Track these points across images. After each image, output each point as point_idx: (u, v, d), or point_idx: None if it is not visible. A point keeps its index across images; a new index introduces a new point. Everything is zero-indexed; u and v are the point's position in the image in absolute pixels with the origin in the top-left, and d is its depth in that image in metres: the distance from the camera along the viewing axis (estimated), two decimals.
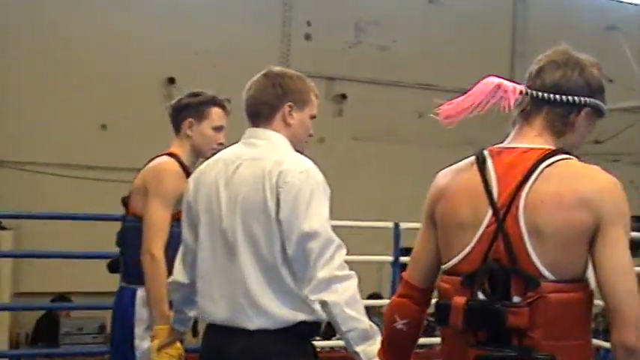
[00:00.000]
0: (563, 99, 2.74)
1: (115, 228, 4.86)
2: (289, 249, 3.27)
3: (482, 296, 2.63)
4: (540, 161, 2.65)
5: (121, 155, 10.83)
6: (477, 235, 2.65)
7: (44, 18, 11.60)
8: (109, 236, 6.34)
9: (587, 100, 2.76)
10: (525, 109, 2.79)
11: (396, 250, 7.49)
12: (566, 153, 2.71)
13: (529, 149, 2.71)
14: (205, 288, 3.44)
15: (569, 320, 2.58)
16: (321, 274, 3.20)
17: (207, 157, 4.42)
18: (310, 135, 3.60)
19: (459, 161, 2.89)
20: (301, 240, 3.24)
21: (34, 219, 9.91)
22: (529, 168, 2.64)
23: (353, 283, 3.26)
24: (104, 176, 11.17)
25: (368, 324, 3.22)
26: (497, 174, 2.68)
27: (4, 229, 10.86)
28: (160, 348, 4.08)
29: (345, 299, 3.20)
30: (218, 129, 4.53)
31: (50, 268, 10.20)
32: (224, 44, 12.39)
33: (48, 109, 11.46)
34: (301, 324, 3.35)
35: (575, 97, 2.74)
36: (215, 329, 3.45)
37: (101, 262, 8.42)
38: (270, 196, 3.28)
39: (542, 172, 2.62)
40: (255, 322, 3.31)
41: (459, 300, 2.64)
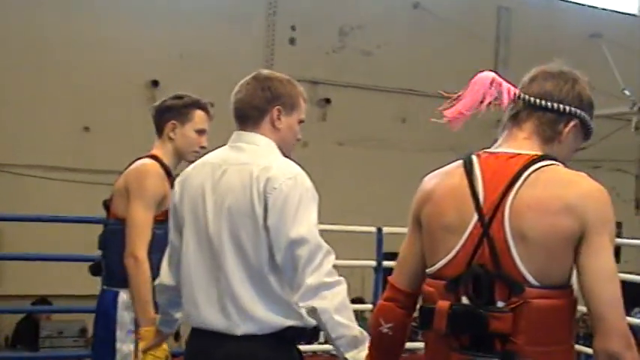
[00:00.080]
0: (554, 106, 2.76)
1: (97, 230, 4.84)
2: (278, 256, 3.24)
3: (466, 301, 2.63)
4: (527, 167, 2.65)
5: (104, 158, 10.79)
6: (462, 240, 2.65)
7: (28, 21, 11.56)
8: (90, 239, 6.31)
9: (577, 112, 2.78)
10: (516, 113, 2.81)
11: (379, 255, 7.48)
12: (553, 159, 2.72)
13: (516, 154, 2.72)
14: (190, 292, 3.41)
15: (552, 326, 2.57)
16: (310, 280, 3.18)
17: (189, 160, 4.45)
18: (298, 139, 3.57)
19: (442, 166, 2.89)
20: (290, 246, 3.21)
21: (15, 221, 9.86)
22: (515, 173, 2.64)
23: (342, 289, 3.24)
24: (86, 179, 11.14)
25: (358, 330, 3.20)
26: (484, 178, 2.68)
27: None
28: (146, 350, 4.07)
29: (335, 306, 3.18)
30: (201, 132, 4.53)
31: (31, 270, 10.15)
32: (208, 47, 12.37)
33: (30, 111, 11.41)
34: (289, 329, 3.33)
35: (566, 107, 2.76)
36: (200, 334, 3.41)
37: (82, 264, 8.39)
38: (258, 203, 3.25)
39: (528, 177, 2.63)
40: (243, 328, 3.28)
41: (442, 304, 2.64)
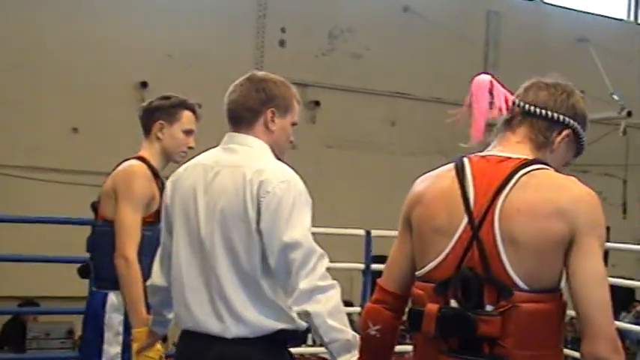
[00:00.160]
0: (548, 114, 2.77)
1: (85, 232, 4.83)
2: (271, 259, 3.22)
3: (455, 304, 2.63)
4: (517, 170, 2.66)
5: (93, 159, 10.78)
6: (452, 242, 2.66)
7: (16, 22, 11.54)
8: (77, 240, 6.29)
9: (570, 122, 2.80)
10: (510, 119, 2.83)
11: (368, 258, 7.48)
12: (544, 163, 2.73)
13: (507, 158, 2.73)
14: (181, 294, 3.39)
15: (541, 330, 2.58)
16: (303, 284, 3.16)
17: (177, 161, 4.46)
18: (291, 142, 3.55)
19: (431, 169, 2.90)
20: (283, 250, 3.19)
21: (2, 222, 9.83)
22: (505, 176, 2.65)
23: (336, 293, 3.22)
24: (75, 180, 11.12)
25: (351, 334, 3.17)
26: (475, 181, 2.69)
27: None
28: (140, 351, 4.06)
29: (328, 310, 3.16)
30: (188, 132, 4.53)
31: (18, 272, 10.13)
32: (198, 49, 12.37)
33: (19, 112, 11.40)
34: (280, 332, 3.32)
35: (560, 116, 2.78)
36: (191, 336, 3.39)
37: (69, 266, 8.37)
38: (252, 206, 3.23)
39: (518, 180, 2.63)
40: (234, 331, 3.27)
41: (431, 307, 2.65)
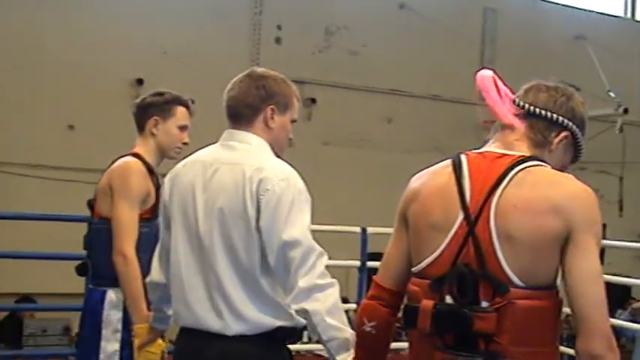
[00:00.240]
0: (547, 115, 2.78)
1: (81, 229, 4.83)
2: (270, 257, 3.22)
3: (450, 300, 2.63)
4: (513, 166, 2.66)
5: (89, 156, 10.76)
6: (448, 239, 2.66)
7: (13, 20, 11.52)
8: (74, 237, 6.28)
9: (569, 124, 2.81)
10: None
11: (363, 255, 7.48)
12: (541, 160, 2.73)
13: (504, 154, 2.73)
14: (180, 291, 3.38)
15: (537, 327, 2.58)
16: (302, 283, 3.16)
17: (171, 157, 4.49)
18: (290, 139, 3.54)
19: (427, 166, 2.90)
20: (282, 248, 3.19)
21: None
22: (502, 173, 2.65)
23: (334, 291, 3.21)
24: (71, 177, 11.11)
25: (349, 333, 3.16)
26: (471, 178, 2.69)
27: None
28: (141, 347, 4.07)
29: (327, 308, 3.15)
30: (183, 128, 4.53)
31: (14, 268, 10.12)
32: (193, 46, 12.36)
33: (15, 109, 11.38)
34: (279, 329, 3.32)
35: (559, 117, 2.79)
36: (190, 333, 3.39)
37: (66, 263, 8.36)
38: (251, 204, 3.22)
39: (514, 176, 2.63)
40: (234, 328, 3.26)
41: (427, 303, 2.65)
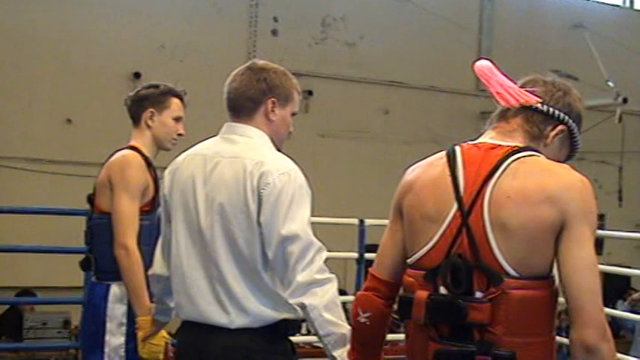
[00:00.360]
0: (544, 108, 2.78)
1: (80, 222, 4.84)
2: (269, 252, 3.22)
3: (444, 291, 2.64)
4: (507, 156, 2.67)
5: (87, 150, 10.75)
6: (442, 230, 2.67)
7: (9, 13, 11.50)
8: (73, 231, 6.30)
9: (565, 118, 2.81)
10: (505, 110, 2.83)
11: (361, 247, 7.49)
12: (535, 150, 2.73)
13: (497, 145, 2.73)
14: (182, 284, 3.39)
15: (531, 317, 2.59)
16: (300, 277, 3.17)
17: (167, 149, 4.54)
18: (290, 132, 3.53)
19: (424, 158, 2.90)
20: (281, 243, 3.19)
21: None
22: (496, 163, 2.66)
23: (332, 286, 3.22)
24: (69, 171, 11.10)
25: (346, 328, 3.17)
26: (465, 169, 2.70)
27: None
28: (145, 339, 4.10)
29: (324, 303, 3.17)
30: (178, 119, 4.56)
31: (14, 262, 10.14)
32: (190, 39, 12.33)
33: (13, 103, 11.36)
34: (282, 322, 3.32)
35: (556, 111, 2.79)
36: (192, 326, 3.39)
37: (65, 256, 8.41)
38: (252, 198, 3.22)
39: (508, 167, 2.64)
40: (237, 322, 3.27)
41: (421, 294, 2.66)
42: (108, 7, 12.05)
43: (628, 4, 16.54)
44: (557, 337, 2.79)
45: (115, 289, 4.39)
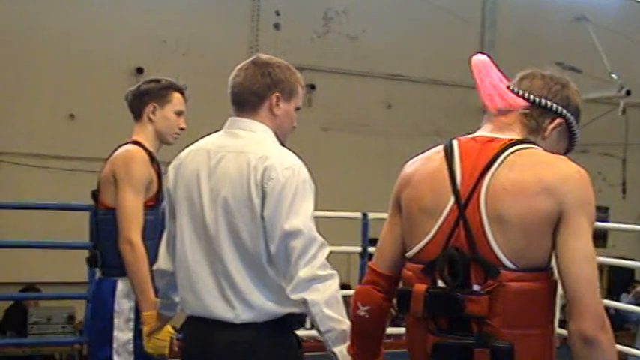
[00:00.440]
0: (542, 102, 2.78)
1: (83, 218, 4.84)
2: (272, 246, 3.21)
3: (442, 284, 2.65)
4: (504, 149, 2.67)
5: (90, 145, 10.78)
6: (439, 223, 2.67)
7: (12, 8, 11.51)
8: (76, 226, 6.30)
9: (563, 111, 2.80)
10: None
11: (365, 241, 7.49)
12: (532, 143, 2.74)
13: (495, 139, 2.74)
14: (187, 280, 3.38)
15: (529, 309, 2.59)
16: (302, 273, 3.16)
17: (169, 143, 4.54)
18: (294, 127, 3.53)
19: (426, 151, 2.91)
20: (284, 238, 3.18)
21: (1, 209, 9.84)
22: (493, 156, 2.66)
23: (334, 282, 3.22)
24: (72, 166, 11.13)
25: (347, 325, 3.16)
26: (463, 162, 2.70)
27: None
28: (150, 334, 4.10)
29: (325, 299, 3.16)
30: (179, 113, 4.55)
31: (18, 258, 10.16)
32: (193, 34, 12.34)
33: (15, 99, 11.38)
34: (287, 316, 3.32)
35: (554, 104, 2.79)
36: (197, 321, 3.38)
37: (69, 251, 8.43)
38: (256, 193, 3.22)
39: (505, 159, 2.64)
40: (242, 316, 3.27)
41: (419, 287, 2.67)
42: (110, 3, 12.06)
43: None
44: (560, 330, 2.79)
45: (122, 284, 4.39)
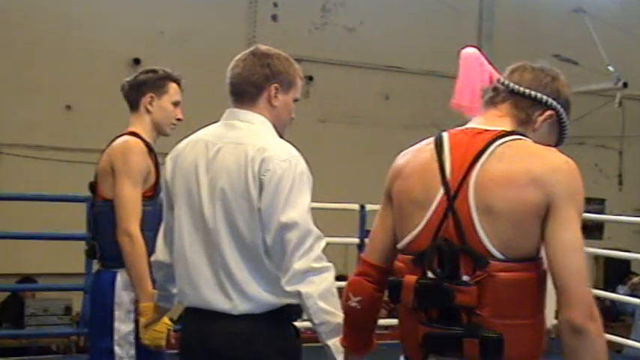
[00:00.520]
0: (532, 94, 2.80)
1: (80, 209, 4.85)
2: (268, 238, 3.21)
3: (431, 275, 2.66)
4: (493, 140, 2.69)
5: (86, 136, 10.75)
6: (429, 214, 2.69)
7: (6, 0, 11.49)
8: (73, 217, 6.31)
9: (553, 103, 2.83)
10: (494, 96, 2.86)
11: (362, 232, 7.52)
12: (521, 134, 2.76)
13: (484, 130, 2.75)
14: (185, 271, 3.38)
15: (518, 299, 2.60)
16: (298, 265, 3.16)
17: (166, 134, 4.54)
18: (292, 118, 3.52)
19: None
20: (280, 230, 3.18)
21: None
22: (482, 147, 2.67)
23: (329, 275, 3.22)
24: (69, 157, 11.11)
25: (341, 317, 3.16)
26: (452, 154, 2.72)
27: None
28: (147, 325, 4.11)
29: (320, 292, 3.17)
30: (176, 104, 4.56)
31: (15, 249, 10.14)
32: (190, 25, 12.31)
33: (12, 90, 11.35)
34: (285, 307, 3.32)
35: (544, 96, 2.81)
36: (195, 313, 3.39)
37: (66, 243, 8.43)
38: (253, 184, 3.22)
39: (494, 150, 2.66)
40: (240, 308, 3.27)
41: (409, 278, 2.69)
42: None
43: None
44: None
45: (121, 276, 4.38)
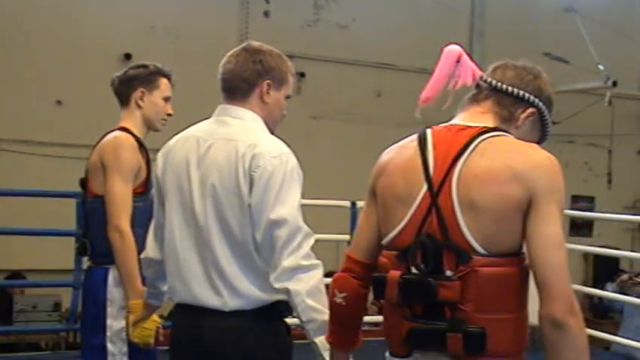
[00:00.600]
0: (514, 91, 2.83)
1: (70, 205, 4.83)
2: (257, 235, 3.21)
3: (415, 270, 2.68)
4: (476, 136, 2.71)
5: (77, 132, 10.71)
6: (412, 210, 2.70)
7: None
8: (63, 213, 6.29)
9: (535, 100, 2.85)
10: (476, 94, 2.90)
11: (353, 229, 7.48)
12: (504, 131, 2.78)
13: (467, 127, 2.78)
14: (176, 268, 3.38)
15: (501, 294, 2.62)
16: (286, 262, 3.16)
17: (157, 129, 4.54)
18: (283, 115, 3.52)
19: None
20: (269, 227, 3.18)
21: None
22: (465, 143, 2.69)
23: (318, 273, 3.23)
24: (59, 153, 11.08)
25: (329, 316, 3.16)
26: (435, 149, 2.74)
27: None
28: (136, 323, 4.10)
29: (308, 289, 3.17)
30: (167, 99, 4.55)
31: (3, 245, 10.11)
32: (182, 20, 12.29)
33: (2, 84, 11.32)
34: (276, 304, 3.32)
35: (526, 94, 2.84)
36: (186, 309, 3.39)
37: (56, 239, 8.41)
38: (244, 181, 3.22)
39: (476, 146, 2.68)
40: (230, 304, 3.27)
41: (393, 274, 2.70)
42: None
43: None
44: None
45: (114, 272, 4.36)
